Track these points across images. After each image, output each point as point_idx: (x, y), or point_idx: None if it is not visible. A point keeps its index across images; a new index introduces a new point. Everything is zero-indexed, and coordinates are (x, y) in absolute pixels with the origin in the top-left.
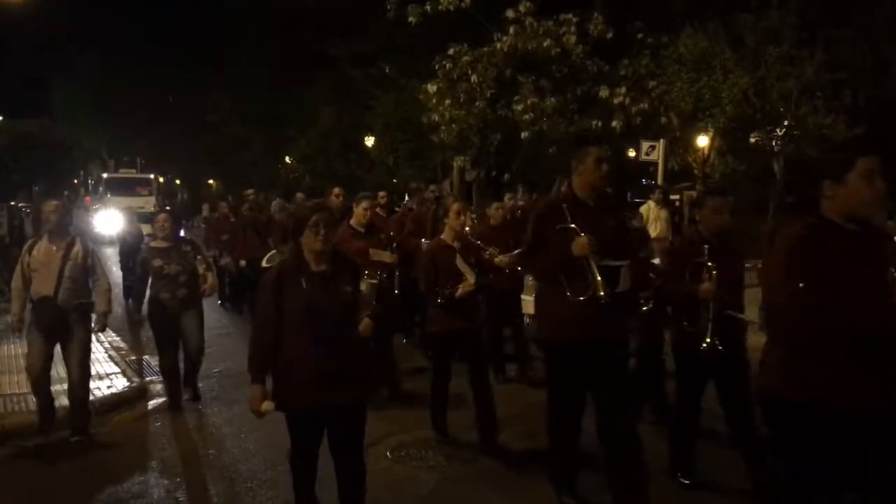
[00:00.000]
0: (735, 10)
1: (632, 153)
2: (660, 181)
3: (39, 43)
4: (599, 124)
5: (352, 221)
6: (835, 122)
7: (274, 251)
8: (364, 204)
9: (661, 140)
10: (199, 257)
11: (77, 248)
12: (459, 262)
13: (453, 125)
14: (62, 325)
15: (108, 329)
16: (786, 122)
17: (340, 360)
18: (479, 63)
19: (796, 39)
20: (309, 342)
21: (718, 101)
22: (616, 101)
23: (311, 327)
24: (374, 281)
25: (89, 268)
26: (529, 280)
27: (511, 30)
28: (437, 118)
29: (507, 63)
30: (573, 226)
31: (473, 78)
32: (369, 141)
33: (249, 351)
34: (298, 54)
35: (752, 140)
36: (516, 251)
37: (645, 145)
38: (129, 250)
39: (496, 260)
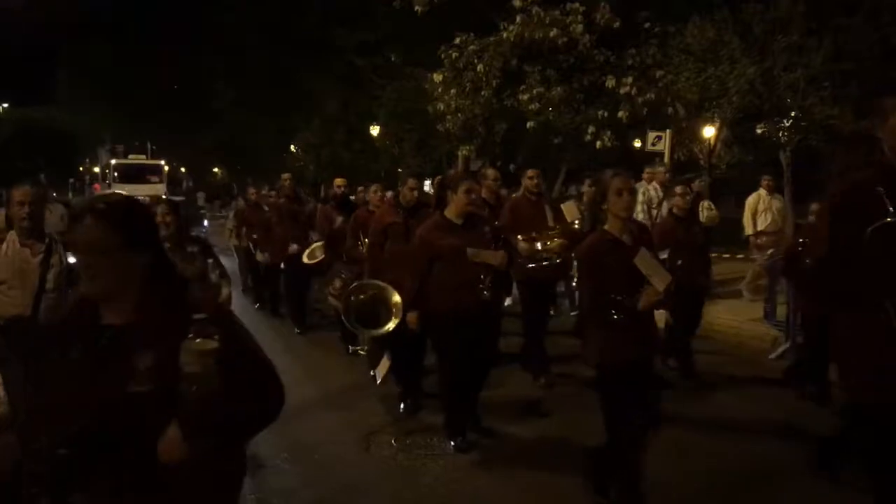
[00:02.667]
0: None
1: (638, 143)
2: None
3: (44, 29)
4: (606, 114)
5: (447, 211)
6: (842, 112)
7: (317, 244)
8: (465, 186)
9: (668, 130)
10: (210, 261)
11: (59, 251)
12: (642, 262)
13: (459, 114)
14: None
15: None
16: (793, 113)
17: None
18: (485, 52)
19: (804, 29)
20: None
21: (725, 92)
22: (623, 90)
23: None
24: (212, 345)
25: (75, 276)
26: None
27: (517, 19)
28: (442, 107)
29: (514, 52)
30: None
31: (479, 67)
32: (374, 130)
33: None
34: (304, 42)
35: (759, 131)
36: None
37: (651, 135)
38: None
39: None
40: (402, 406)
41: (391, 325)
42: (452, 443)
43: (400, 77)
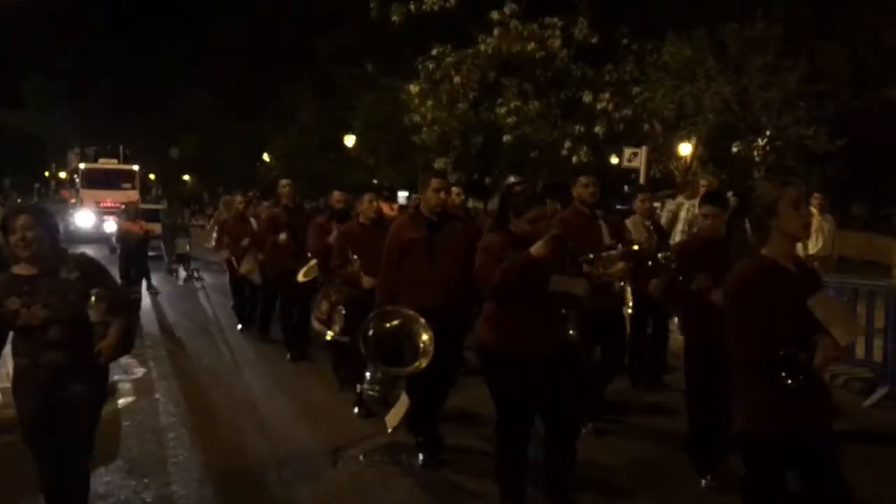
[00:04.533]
0: (720, 18)
1: (614, 160)
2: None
3: (13, 33)
4: (582, 129)
5: (514, 227)
6: (816, 132)
7: (314, 262)
8: (538, 212)
9: (644, 147)
10: (95, 292)
11: None
12: (822, 304)
13: (435, 126)
14: None
15: None
16: (768, 132)
17: None
18: (462, 65)
19: (780, 49)
20: None
21: (701, 110)
22: (599, 106)
23: None
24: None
25: None
26: None
27: (495, 32)
28: (418, 119)
29: (491, 65)
30: None
31: (456, 79)
32: (350, 140)
33: None
34: (280, 50)
35: (734, 150)
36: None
37: (627, 152)
38: (132, 254)
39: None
40: (420, 458)
41: (419, 365)
42: None
43: (377, 88)
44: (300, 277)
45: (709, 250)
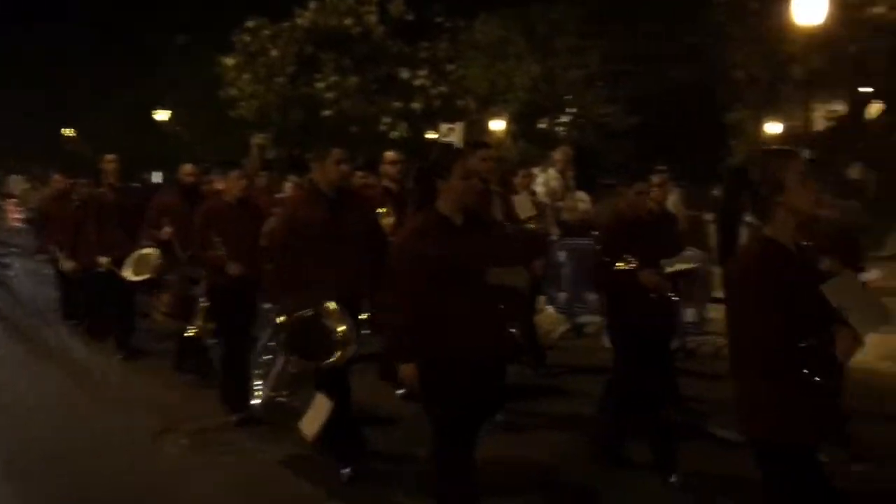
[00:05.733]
0: None
1: (433, 135)
2: None
3: None
4: (400, 105)
5: (440, 205)
6: (614, 110)
7: (145, 251)
8: (461, 168)
9: (460, 123)
10: None
11: None
12: (838, 290)
13: (253, 100)
14: None
15: None
16: (571, 110)
17: None
18: (279, 38)
19: (582, 31)
20: None
21: (512, 88)
22: (416, 83)
23: None
24: None
25: None
26: None
27: (311, 6)
28: (235, 93)
29: (308, 39)
30: None
31: (273, 53)
32: (162, 115)
33: None
34: (90, 24)
35: (540, 126)
36: None
37: (444, 127)
38: None
39: None
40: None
41: (342, 356)
42: None
43: (192, 61)
44: (129, 275)
45: (637, 228)
